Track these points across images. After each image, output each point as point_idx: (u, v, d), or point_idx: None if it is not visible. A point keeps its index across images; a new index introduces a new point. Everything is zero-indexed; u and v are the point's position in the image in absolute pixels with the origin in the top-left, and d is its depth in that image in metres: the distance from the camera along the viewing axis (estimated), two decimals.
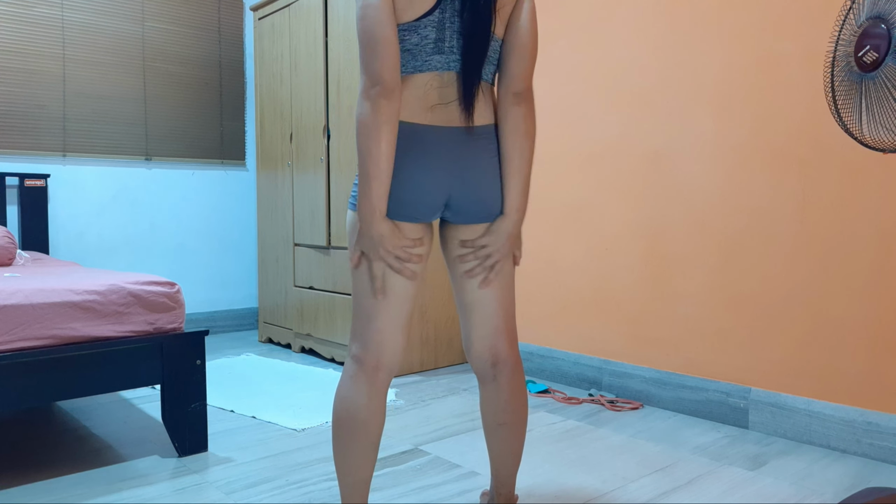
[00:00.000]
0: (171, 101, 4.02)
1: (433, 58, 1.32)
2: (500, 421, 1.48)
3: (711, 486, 1.87)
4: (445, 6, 1.30)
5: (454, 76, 1.34)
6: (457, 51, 1.33)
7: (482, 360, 1.47)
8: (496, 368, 1.46)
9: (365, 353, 1.38)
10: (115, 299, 1.97)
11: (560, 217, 3.01)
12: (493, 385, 1.47)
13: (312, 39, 3.47)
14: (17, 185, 3.52)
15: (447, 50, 1.32)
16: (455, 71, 1.33)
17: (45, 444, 2.22)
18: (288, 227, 3.74)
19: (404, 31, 1.30)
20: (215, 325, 4.25)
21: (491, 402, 1.48)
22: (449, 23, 1.31)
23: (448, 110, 1.34)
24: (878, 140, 1.48)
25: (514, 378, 1.47)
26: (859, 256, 2.10)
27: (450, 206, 1.38)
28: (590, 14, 2.85)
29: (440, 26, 1.31)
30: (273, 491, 1.85)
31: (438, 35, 1.31)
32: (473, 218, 1.39)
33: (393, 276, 1.36)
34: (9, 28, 3.47)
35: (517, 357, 1.48)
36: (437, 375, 3.18)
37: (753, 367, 2.36)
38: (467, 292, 1.45)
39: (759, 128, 2.33)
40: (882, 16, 1.43)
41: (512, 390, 1.47)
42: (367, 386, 1.37)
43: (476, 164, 1.36)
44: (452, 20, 1.31)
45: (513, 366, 1.47)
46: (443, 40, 1.32)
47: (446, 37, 1.32)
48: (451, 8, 1.31)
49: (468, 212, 1.38)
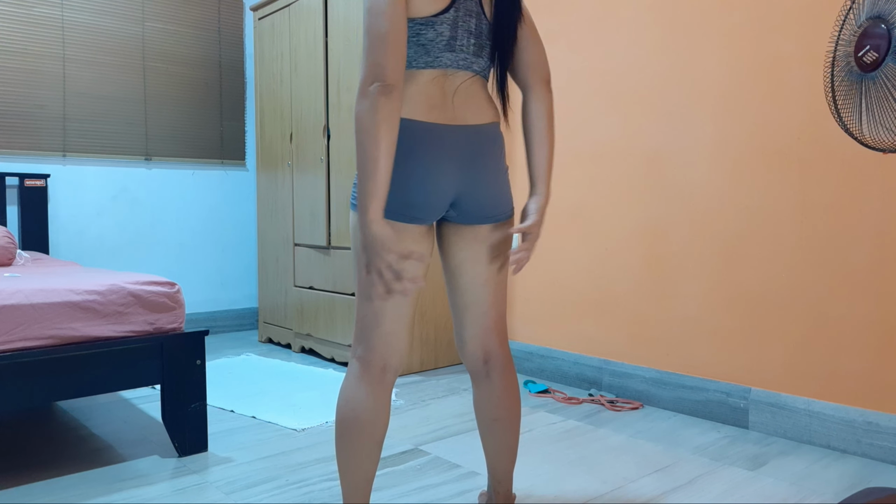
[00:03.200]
0: (171, 101, 4.02)
1: (444, 55, 1.32)
2: (494, 416, 1.49)
3: (711, 486, 1.87)
4: (460, 5, 1.32)
5: (462, 75, 1.35)
6: (466, 49, 1.34)
7: (474, 358, 1.49)
8: (488, 365, 1.48)
9: (371, 355, 1.37)
10: (116, 299, 1.97)
11: (560, 217, 3.01)
12: (486, 382, 1.49)
13: (312, 39, 3.47)
14: (17, 185, 3.52)
15: (458, 48, 1.33)
16: (464, 69, 1.35)
17: (45, 444, 2.22)
18: (288, 227, 3.74)
19: (421, 26, 1.30)
20: (215, 325, 4.25)
21: (484, 399, 1.49)
22: (462, 21, 1.32)
23: (454, 108, 1.34)
24: (878, 140, 1.48)
25: (505, 374, 1.49)
26: (859, 256, 2.10)
27: (456, 206, 1.37)
28: (590, 14, 2.85)
29: (454, 24, 1.32)
30: (273, 491, 1.85)
31: (452, 33, 1.32)
32: (479, 219, 1.39)
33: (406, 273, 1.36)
34: (9, 28, 3.47)
35: (508, 354, 1.50)
36: (437, 375, 3.18)
37: (753, 367, 2.36)
38: (462, 293, 1.45)
39: (759, 128, 2.33)
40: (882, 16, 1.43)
41: (504, 386, 1.48)
42: (374, 386, 1.36)
43: (483, 163, 1.36)
44: (465, 20, 1.33)
45: (504, 363, 1.49)
46: (455, 38, 1.32)
47: (458, 35, 1.32)
48: (464, 7, 1.32)
49: (474, 212, 1.38)
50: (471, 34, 1.34)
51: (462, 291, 1.46)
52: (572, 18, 2.92)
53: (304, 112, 3.58)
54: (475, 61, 1.36)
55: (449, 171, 1.32)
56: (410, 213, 1.31)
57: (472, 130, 1.34)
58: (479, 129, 1.36)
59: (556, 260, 3.04)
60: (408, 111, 1.30)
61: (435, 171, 1.30)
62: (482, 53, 1.37)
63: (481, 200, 1.37)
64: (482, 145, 1.36)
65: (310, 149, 3.54)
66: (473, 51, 1.35)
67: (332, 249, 3.40)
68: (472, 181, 1.35)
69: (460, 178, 1.34)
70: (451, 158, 1.32)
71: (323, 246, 3.46)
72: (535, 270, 3.14)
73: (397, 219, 1.31)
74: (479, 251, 1.42)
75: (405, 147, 1.29)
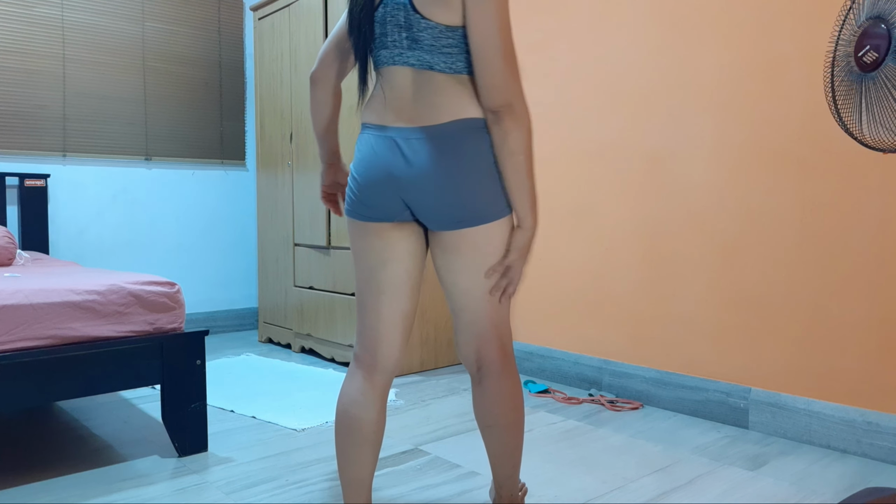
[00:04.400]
0: (171, 101, 4.02)
1: (380, 52, 1.33)
2: (486, 423, 1.46)
3: (711, 486, 1.87)
4: (389, 1, 1.30)
5: (399, 71, 1.31)
6: (399, 45, 1.30)
7: (468, 362, 1.46)
8: (481, 372, 1.43)
9: (362, 352, 1.41)
10: (115, 299, 1.97)
11: (560, 217, 3.01)
12: (479, 388, 1.45)
13: (312, 39, 3.47)
14: (17, 185, 3.52)
15: (390, 44, 1.31)
16: (400, 65, 1.30)
17: (45, 444, 2.22)
18: (288, 227, 3.74)
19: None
20: (215, 325, 4.25)
21: (478, 404, 1.46)
22: (391, 16, 1.30)
23: (394, 108, 1.31)
24: (878, 140, 1.48)
25: (499, 383, 1.42)
26: (859, 256, 2.10)
27: (413, 212, 1.32)
28: (590, 14, 2.85)
29: (382, 20, 1.31)
30: (273, 491, 1.85)
31: (381, 30, 1.32)
32: (440, 224, 1.31)
33: (384, 272, 1.37)
34: (9, 28, 3.47)
35: (505, 363, 1.43)
36: (437, 375, 3.18)
37: (753, 367, 2.36)
38: (449, 299, 1.42)
39: (759, 128, 2.33)
40: (882, 16, 1.43)
41: (495, 395, 1.42)
42: (363, 383, 1.39)
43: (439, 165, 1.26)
44: (393, 14, 1.30)
45: (499, 371, 1.42)
46: (386, 35, 1.31)
47: (388, 31, 1.30)
48: (393, 2, 1.29)
49: (432, 218, 1.31)
50: (400, 28, 1.29)
51: (449, 297, 1.42)
52: (572, 18, 2.92)
53: (304, 112, 3.58)
54: (411, 55, 1.29)
55: (381, 177, 1.30)
56: (362, 211, 1.35)
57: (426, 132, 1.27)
58: (432, 129, 1.27)
59: (556, 259, 3.04)
60: (364, 115, 1.37)
61: (367, 175, 1.31)
62: (416, 47, 1.29)
63: (438, 205, 1.28)
64: (433, 146, 1.26)
65: (310, 149, 3.54)
66: (407, 45, 1.29)
67: (332, 249, 3.40)
68: (417, 187, 1.27)
69: (399, 184, 1.28)
70: (383, 163, 1.29)
71: (323, 246, 3.46)
72: (536, 270, 3.14)
73: (354, 216, 1.37)
74: (451, 260, 1.35)
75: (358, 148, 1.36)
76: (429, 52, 1.27)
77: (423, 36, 1.27)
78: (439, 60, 1.28)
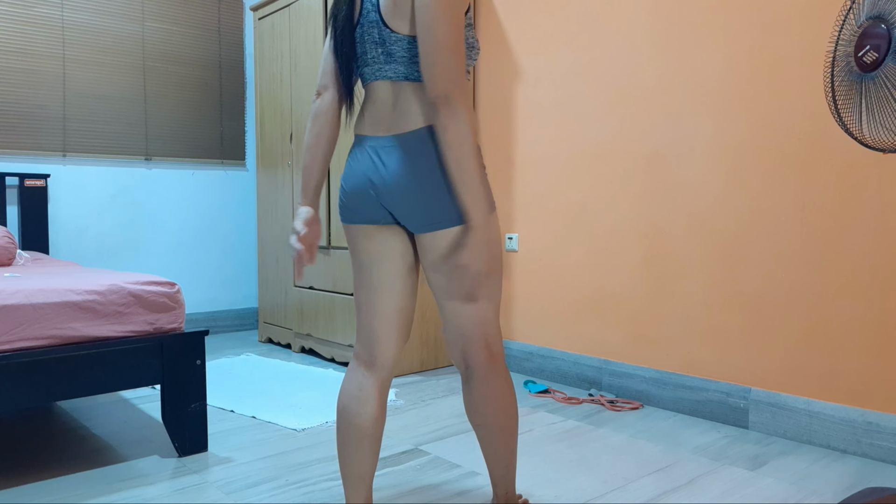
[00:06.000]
0: (171, 101, 4.02)
1: (363, 70, 1.40)
2: (475, 422, 1.49)
3: (711, 486, 1.87)
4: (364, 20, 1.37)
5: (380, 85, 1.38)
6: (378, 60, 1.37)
7: (456, 361, 1.48)
8: (468, 372, 1.45)
9: (361, 349, 1.46)
10: (115, 299, 1.97)
11: (560, 217, 3.01)
12: (466, 387, 1.47)
13: (312, 39, 3.47)
14: (17, 185, 3.52)
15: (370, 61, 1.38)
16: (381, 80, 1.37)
17: (45, 444, 2.22)
18: (288, 227, 3.74)
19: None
20: (215, 325, 4.25)
21: (465, 403, 1.49)
22: (368, 34, 1.36)
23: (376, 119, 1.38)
24: (878, 140, 1.48)
25: (486, 384, 1.43)
26: (859, 256, 2.10)
27: (393, 215, 1.38)
28: (590, 14, 2.85)
29: (361, 40, 1.38)
30: (273, 491, 1.85)
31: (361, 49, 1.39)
32: (419, 227, 1.36)
33: (376, 271, 1.41)
34: (9, 28, 3.47)
35: (492, 363, 1.43)
36: (437, 375, 3.18)
37: (753, 367, 2.36)
38: (436, 298, 1.45)
39: (759, 128, 2.33)
40: (882, 16, 1.43)
41: (483, 395, 1.44)
42: (361, 380, 1.43)
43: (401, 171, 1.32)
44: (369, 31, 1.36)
45: (485, 373, 1.43)
46: (366, 53, 1.38)
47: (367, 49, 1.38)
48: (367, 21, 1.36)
49: (410, 222, 1.36)
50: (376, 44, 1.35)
51: (436, 297, 1.45)
52: (572, 18, 2.92)
53: (304, 112, 3.58)
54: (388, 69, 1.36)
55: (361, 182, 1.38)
56: (350, 216, 1.43)
57: (398, 139, 1.34)
58: (404, 137, 1.33)
59: (556, 259, 3.04)
60: (354, 128, 1.44)
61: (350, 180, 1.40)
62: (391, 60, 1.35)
63: (411, 209, 1.34)
64: (401, 153, 1.33)
65: None
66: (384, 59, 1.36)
67: (331, 249, 3.40)
68: (390, 191, 1.34)
69: (376, 188, 1.36)
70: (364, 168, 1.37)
71: (323, 246, 3.46)
72: (535, 270, 3.14)
73: (344, 221, 1.45)
74: (431, 261, 1.38)
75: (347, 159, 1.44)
76: (402, 64, 1.35)
77: (395, 49, 1.34)
78: (412, 71, 1.34)
